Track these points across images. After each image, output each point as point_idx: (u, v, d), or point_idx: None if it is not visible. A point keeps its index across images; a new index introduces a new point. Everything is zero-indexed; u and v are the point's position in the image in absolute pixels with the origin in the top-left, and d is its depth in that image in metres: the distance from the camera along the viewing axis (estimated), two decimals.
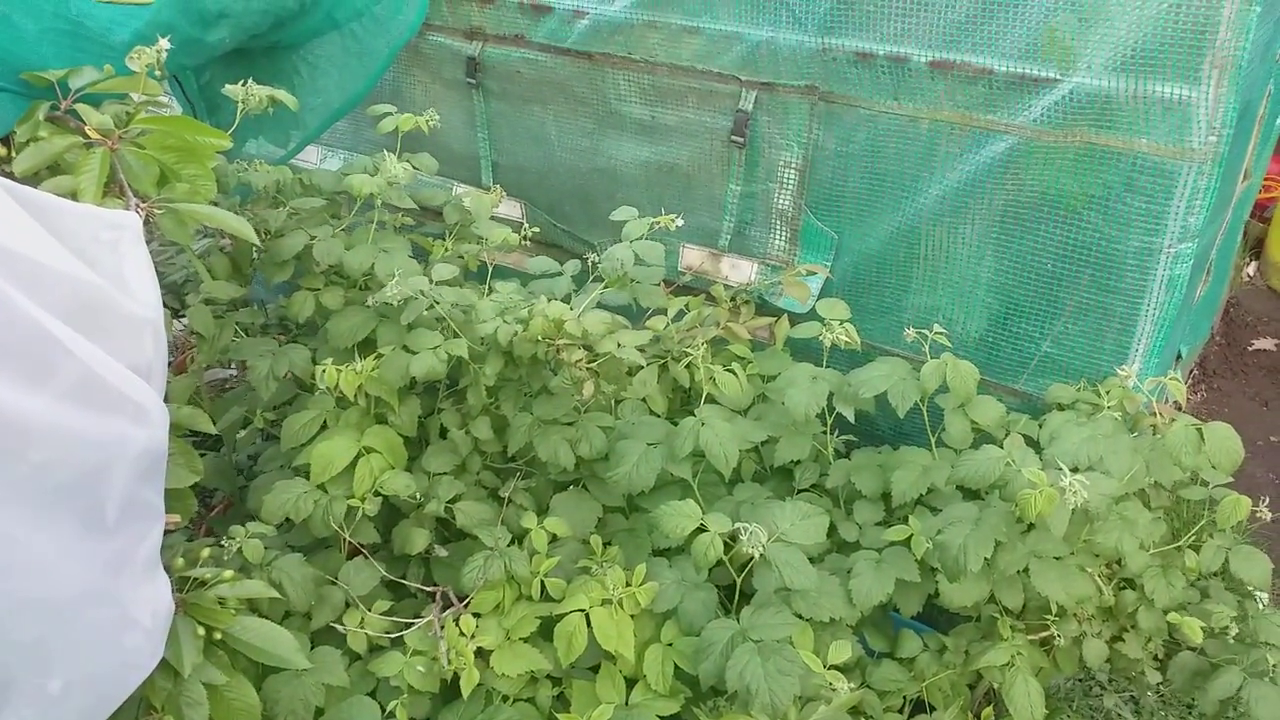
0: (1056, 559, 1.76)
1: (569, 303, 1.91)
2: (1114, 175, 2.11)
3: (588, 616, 1.73)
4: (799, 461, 2.12)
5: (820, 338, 2.11)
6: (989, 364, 2.45)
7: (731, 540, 1.70)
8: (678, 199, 2.74)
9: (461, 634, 1.75)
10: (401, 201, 2.06)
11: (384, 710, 1.73)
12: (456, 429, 2.00)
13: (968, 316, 2.42)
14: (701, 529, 1.72)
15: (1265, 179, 4.59)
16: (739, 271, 2.66)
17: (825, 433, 2.15)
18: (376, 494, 1.88)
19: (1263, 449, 3.92)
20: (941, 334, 2.11)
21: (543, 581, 1.84)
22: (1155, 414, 1.98)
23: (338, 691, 1.74)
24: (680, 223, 2.01)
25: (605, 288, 1.90)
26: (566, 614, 1.74)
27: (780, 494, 2.14)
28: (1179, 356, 3.03)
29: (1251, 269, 4.98)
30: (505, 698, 1.78)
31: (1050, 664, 1.91)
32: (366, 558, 2.00)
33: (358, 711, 1.70)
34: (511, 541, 1.90)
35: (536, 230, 2.42)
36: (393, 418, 2.00)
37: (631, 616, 1.76)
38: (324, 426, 1.98)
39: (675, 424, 1.97)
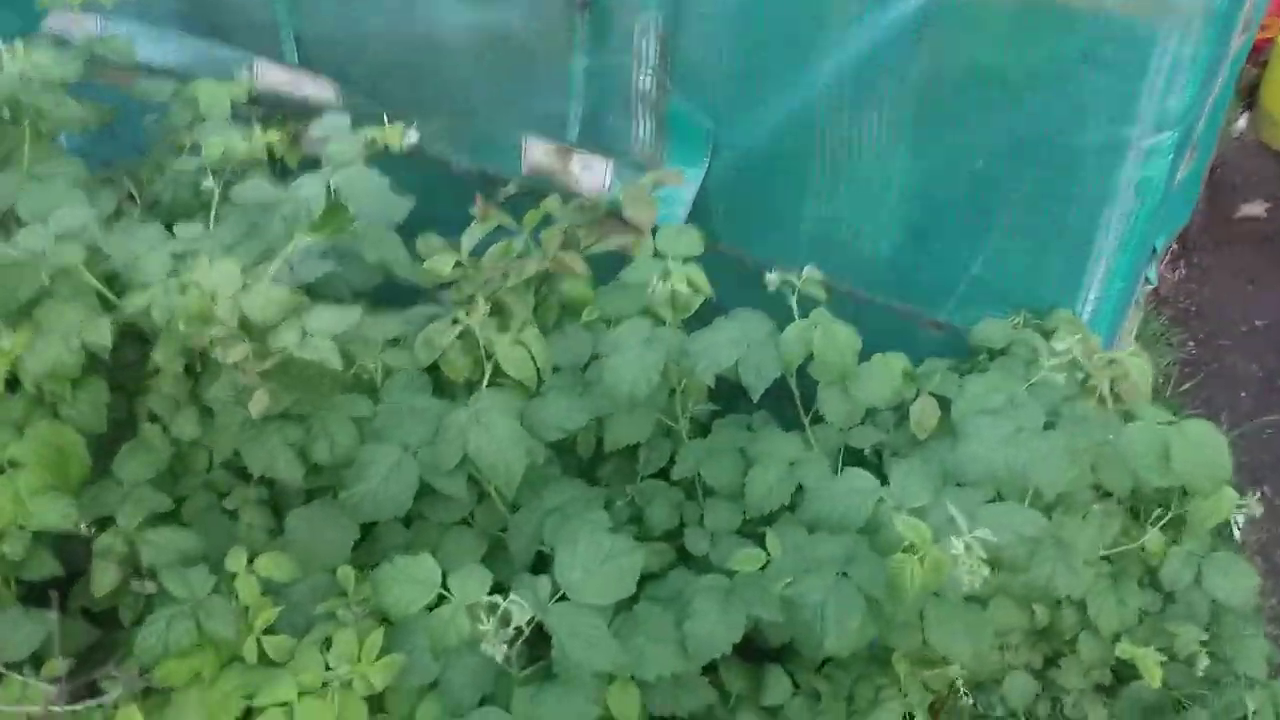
0: (965, 599, 1.26)
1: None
2: (1066, 44, 1.49)
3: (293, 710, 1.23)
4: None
5: (648, 287, 1.53)
6: (904, 289, 1.88)
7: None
8: (516, 77, 2.10)
9: None
10: (57, 108, 1.44)
11: None
12: (149, 423, 1.45)
13: (877, 229, 1.84)
14: (443, 598, 1.19)
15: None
16: (592, 173, 2.05)
17: (675, 397, 1.60)
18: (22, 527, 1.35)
19: (1246, 336, 3.39)
20: (815, 280, 1.54)
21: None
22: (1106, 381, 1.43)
23: None
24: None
25: (298, 238, 1.28)
26: (265, 708, 1.24)
27: (618, 485, 1.61)
28: (1153, 252, 2.47)
29: (1242, 121, 4.29)
30: None
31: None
32: (52, 598, 1.49)
33: None
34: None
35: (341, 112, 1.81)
36: (68, 409, 1.45)
37: (367, 700, 1.26)
38: None
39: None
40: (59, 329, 1.28)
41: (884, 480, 1.38)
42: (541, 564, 1.41)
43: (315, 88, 2.39)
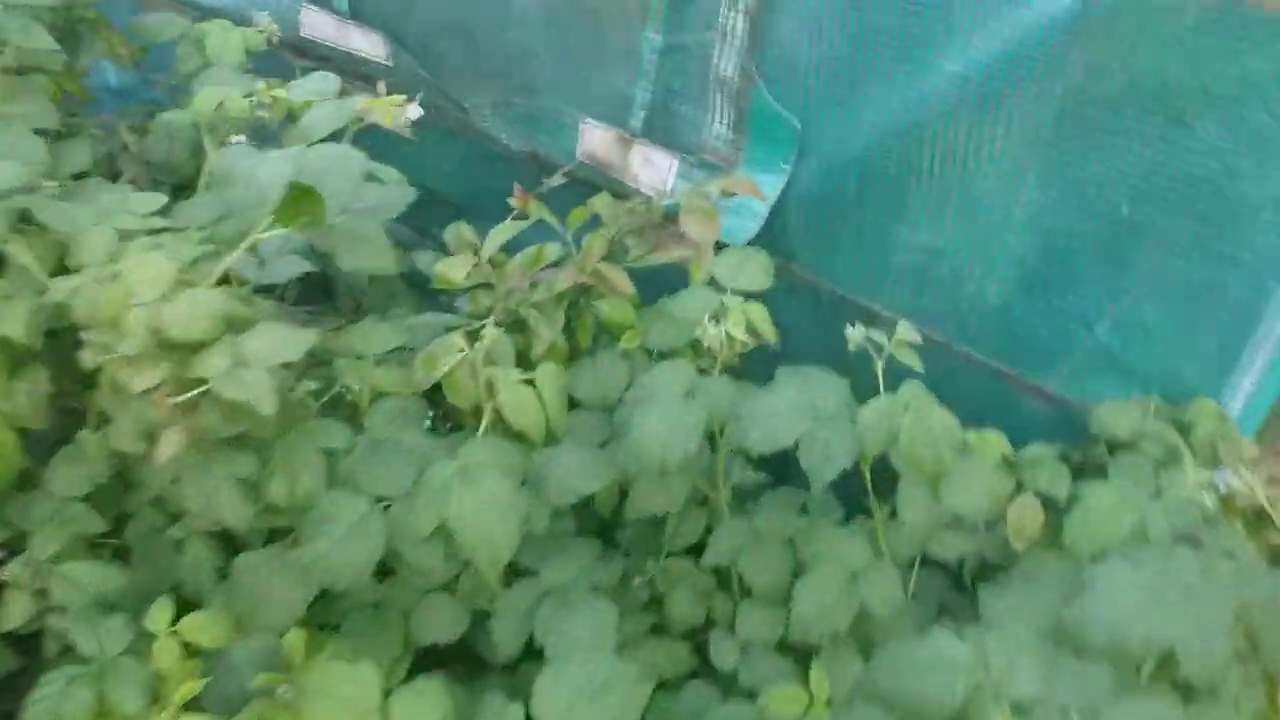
0: None
1: None
2: (1262, 64, 1.17)
3: None
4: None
5: (699, 334, 1.24)
6: (1009, 347, 1.57)
7: None
8: (579, 47, 1.82)
9: None
10: (21, 35, 1.20)
11: None
12: (92, 429, 1.22)
13: (986, 271, 1.53)
14: None
15: None
16: (654, 169, 1.77)
17: (716, 460, 1.31)
18: None
19: None
20: (908, 341, 1.24)
21: None
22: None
23: None
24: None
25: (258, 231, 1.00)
26: None
27: (640, 554, 1.34)
28: None
29: None
30: None
31: None
32: None
33: None
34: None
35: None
36: (2, 400, 1.23)
37: None
38: None
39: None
40: None
41: (970, 599, 1.10)
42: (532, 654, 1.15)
43: (364, 42, 2.14)
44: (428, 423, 1.33)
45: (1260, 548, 1.21)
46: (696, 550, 1.31)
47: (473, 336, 1.35)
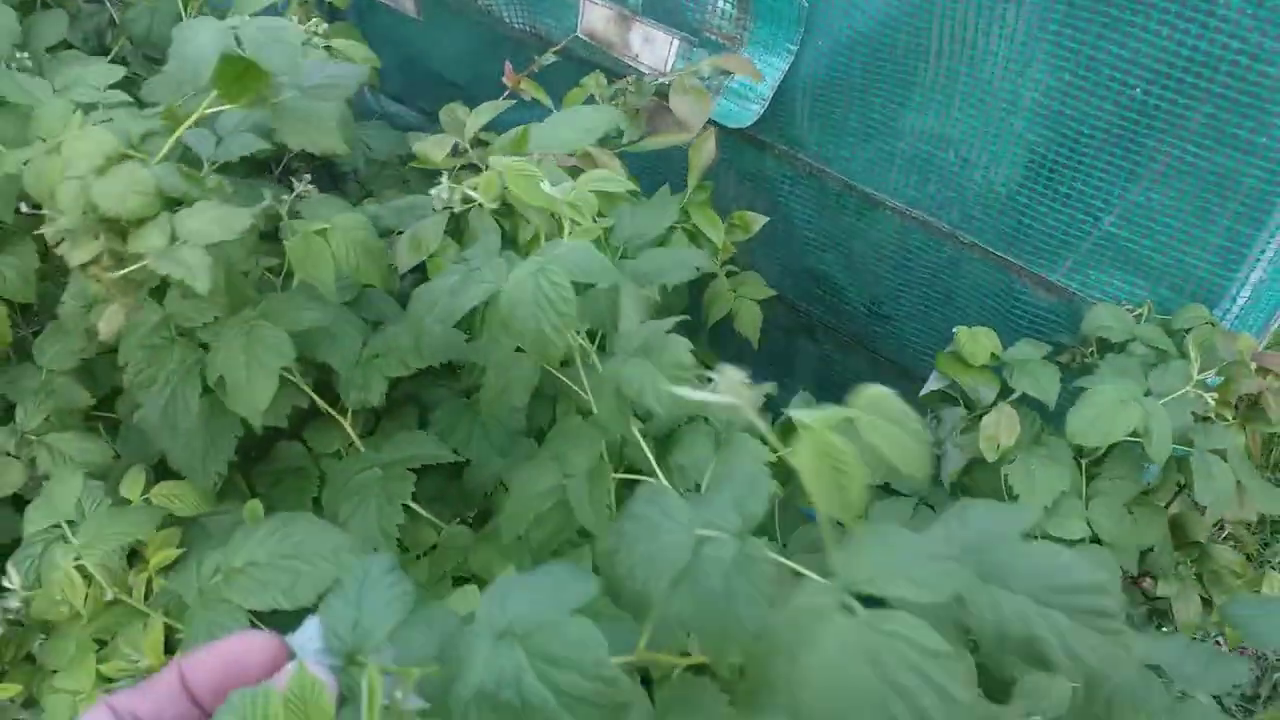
0: None
1: None
2: None
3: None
4: None
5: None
6: (1014, 237, 1.52)
7: None
8: None
9: None
10: None
11: None
12: (72, 300, 1.23)
13: (993, 157, 1.48)
14: None
15: None
16: (653, 49, 1.72)
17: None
18: None
19: None
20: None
21: None
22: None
23: None
24: None
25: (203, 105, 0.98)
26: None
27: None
28: None
29: None
30: None
31: None
32: None
33: None
34: None
35: None
36: None
37: None
38: None
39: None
40: None
41: None
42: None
43: None
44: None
45: (1251, 443, 1.20)
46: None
47: (457, 220, 1.34)
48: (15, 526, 1.34)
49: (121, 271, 0.90)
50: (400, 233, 1.33)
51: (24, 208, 1.10)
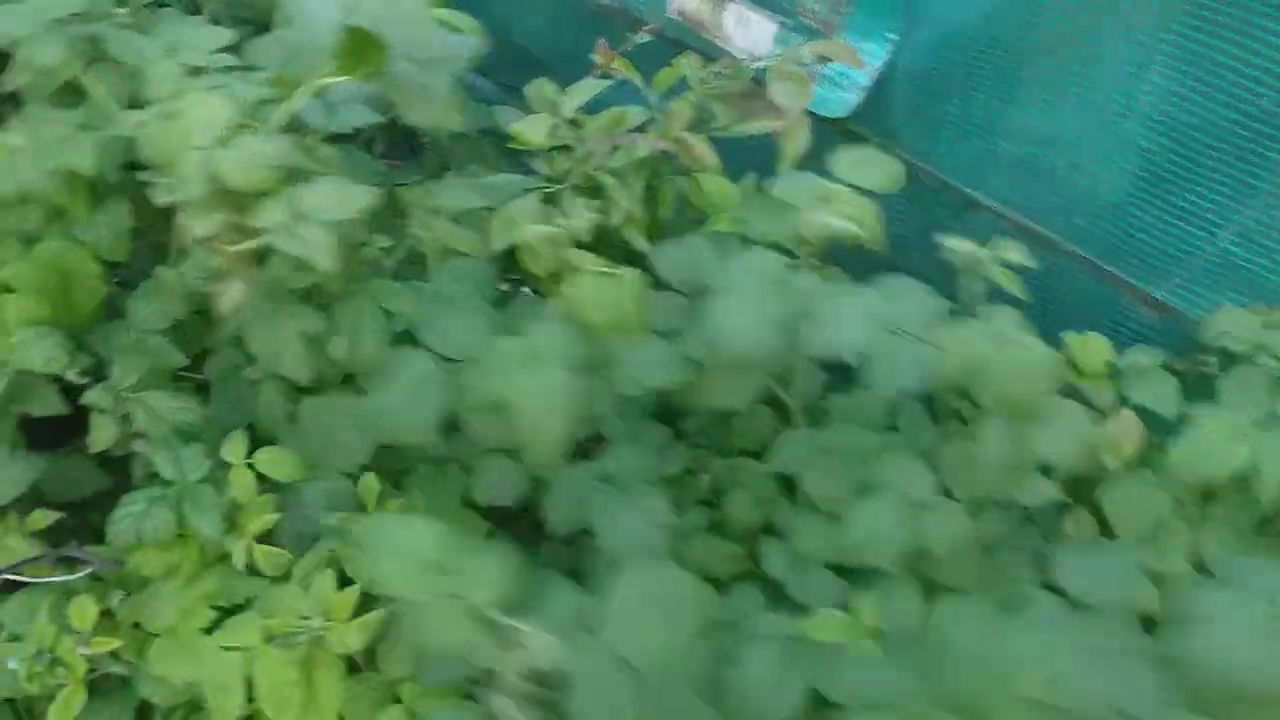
0: None
1: None
2: None
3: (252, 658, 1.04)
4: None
5: (798, 223, 1.17)
6: (1121, 248, 1.47)
7: None
8: None
9: (70, 628, 1.10)
10: None
11: None
12: (171, 265, 1.24)
13: (1103, 163, 1.43)
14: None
15: None
16: (748, 32, 1.68)
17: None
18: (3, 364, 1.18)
19: None
20: (1009, 259, 1.16)
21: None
22: None
23: None
24: None
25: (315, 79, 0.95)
26: (228, 650, 1.05)
27: (708, 451, 1.31)
28: None
29: None
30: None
31: None
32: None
33: None
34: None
35: None
36: (84, 231, 1.25)
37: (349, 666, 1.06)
38: None
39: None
40: (42, 140, 1.06)
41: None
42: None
43: None
44: (503, 287, 1.33)
45: None
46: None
47: (549, 200, 1.32)
48: (102, 480, 1.36)
49: (241, 246, 0.89)
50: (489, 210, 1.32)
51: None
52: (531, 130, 1.22)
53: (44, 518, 1.28)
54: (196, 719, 1.14)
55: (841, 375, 1.30)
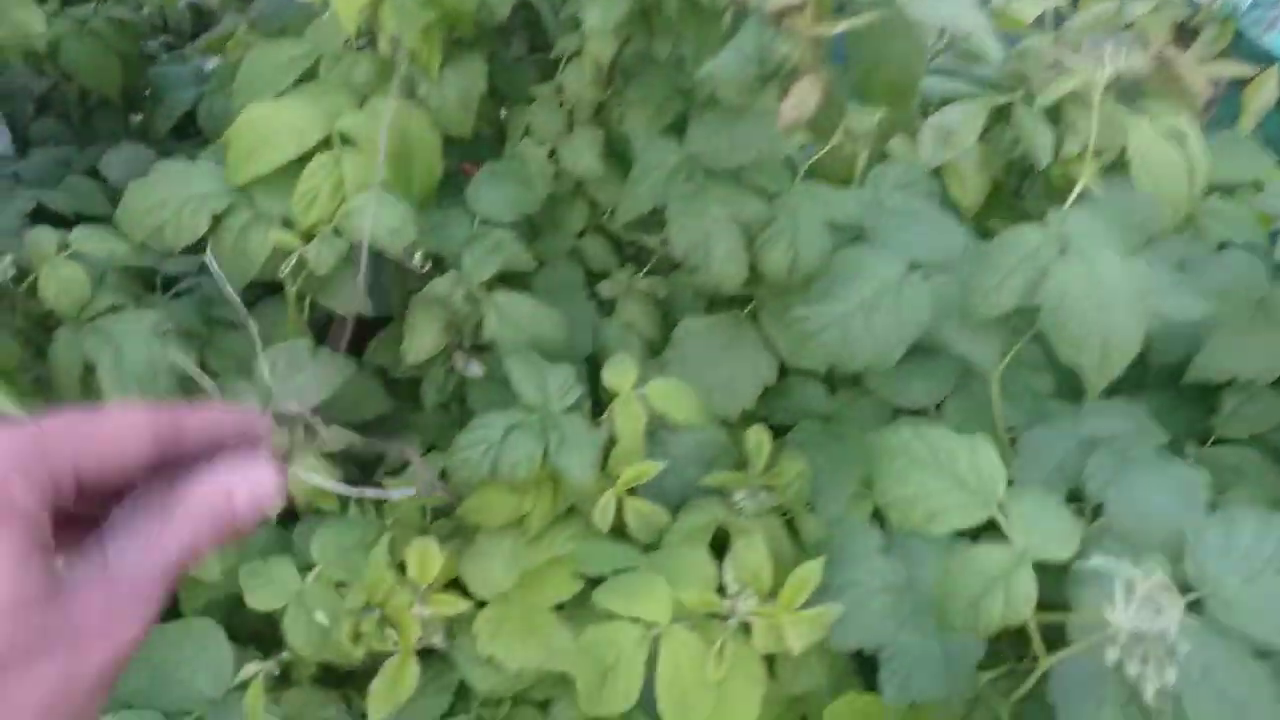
0: None
1: None
2: None
3: (655, 642, 0.77)
4: None
5: None
6: None
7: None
8: None
9: (405, 579, 0.85)
10: None
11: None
12: (545, 130, 1.00)
13: None
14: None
15: None
16: None
17: None
18: (338, 232, 0.95)
19: None
20: None
21: (622, 501, 0.89)
22: None
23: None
24: None
25: None
26: (615, 621, 0.78)
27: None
28: None
29: None
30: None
31: None
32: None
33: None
34: (585, 399, 0.93)
35: None
36: (430, 89, 1.03)
37: (769, 661, 0.78)
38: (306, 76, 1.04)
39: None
40: None
41: None
42: None
43: None
44: None
45: None
46: None
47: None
48: (385, 403, 1.13)
49: (821, 29, 0.64)
50: None
51: None
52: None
53: (341, 437, 1.04)
54: (525, 713, 0.88)
55: None
